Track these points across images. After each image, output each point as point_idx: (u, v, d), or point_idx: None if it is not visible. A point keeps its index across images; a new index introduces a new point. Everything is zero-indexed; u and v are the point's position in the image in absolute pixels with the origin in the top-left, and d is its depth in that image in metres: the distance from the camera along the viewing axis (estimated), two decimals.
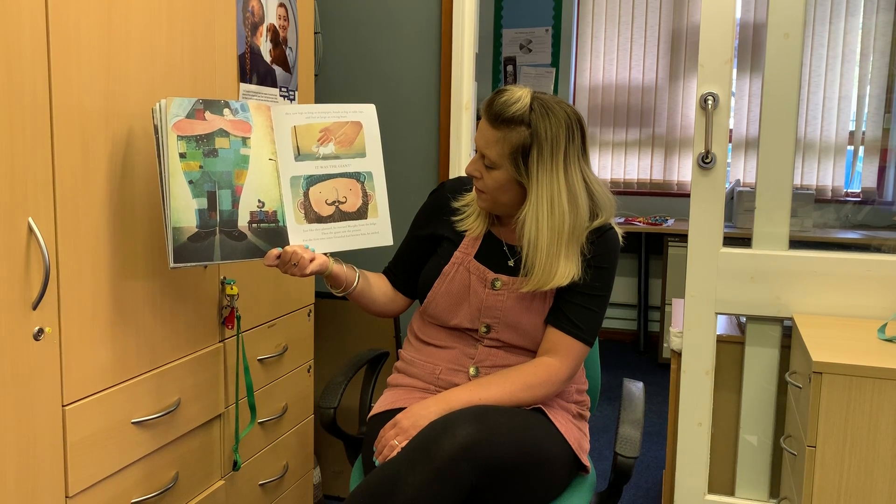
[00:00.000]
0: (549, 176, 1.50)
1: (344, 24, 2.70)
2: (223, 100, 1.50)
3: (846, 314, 2.08)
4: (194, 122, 1.45)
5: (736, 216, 3.84)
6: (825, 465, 1.70)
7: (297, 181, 1.56)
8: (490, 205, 1.59)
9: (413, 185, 2.64)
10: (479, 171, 1.55)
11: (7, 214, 1.22)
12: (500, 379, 1.52)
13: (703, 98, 2.13)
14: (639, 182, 4.84)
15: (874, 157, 4.29)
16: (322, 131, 1.59)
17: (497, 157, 1.51)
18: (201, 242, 1.44)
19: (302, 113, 1.58)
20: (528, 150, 1.49)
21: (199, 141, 1.45)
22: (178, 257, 1.42)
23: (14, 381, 1.26)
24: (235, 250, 1.48)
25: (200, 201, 1.44)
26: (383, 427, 1.48)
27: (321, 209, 1.57)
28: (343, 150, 1.60)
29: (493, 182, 1.53)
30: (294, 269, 1.51)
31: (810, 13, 4.24)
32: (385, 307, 1.73)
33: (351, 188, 1.60)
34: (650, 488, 2.81)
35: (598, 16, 4.79)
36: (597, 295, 1.58)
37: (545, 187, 1.50)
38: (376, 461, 1.44)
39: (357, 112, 1.63)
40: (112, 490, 1.50)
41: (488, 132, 1.52)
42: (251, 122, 1.52)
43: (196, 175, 1.44)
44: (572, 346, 1.55)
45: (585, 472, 1.62)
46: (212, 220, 1.46)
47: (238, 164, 1.49)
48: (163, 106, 1.42)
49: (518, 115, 1.48)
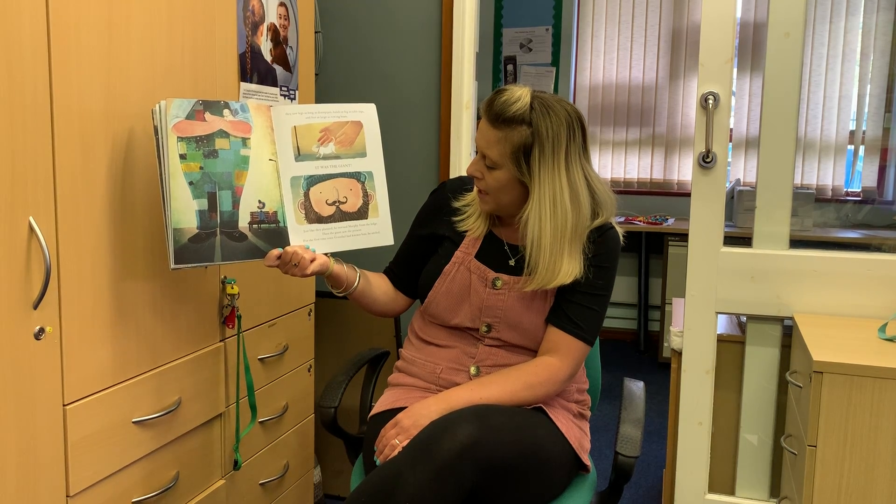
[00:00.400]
0: (552, 174, 1.50)
1: (344, 23, 2.70)
2: (223, 100, 1.50)
3: (847, 313, 2.08)
4: (194, 123, 1.45)
5: (736, 215, 3.84)
6: (826, 465, 1.70)
7: (298, 181, 1.55)
8: (492, 206, 1.58)
9: (413, 185, 2.64)
10: (480, 171, 1.55)
11: (8, 214, 1.22)
12: (501, 378, 1.52)
13: (704, 97, 2.13)
14: (639, 181, 4.84)
15: (874, 157, 4.29)
16: (322, 131, 1.58)
17: (498, 157, 1.51)
18: (202, 243, 1.44)
19: (302, 113, 1.58)
20: (529, 150, 1.49)
21: (199, 142, 1.45)
22: (178, 258, 1.42)
23: (15, 380, 1.26)
24: (236, 251, 1.48)
25: (201, 202, 1.44)
26: (384, 427, 1.48)
27: (322, 209, 1.57)
28: (343, 149, 1.60)
29: (495, 182, 1.53)
30: (295, 270, 1.51)
31: (811, 12, 4.24)
32: (386, 307, 1.73)
33: (351, 188, 1.60)
34: (650, 487, 2.81)
35: (599, 15, 4.79)
36: (598, 294, 1.58)
37: (547, 186, 1.50)
38: (377, 460, 1.44)
39: (357, 112, 1.62)
40: (113, 489, 1.50)
41: (489, 132, 1.51)
42: (251, 122, 1.52)
43: (196, 176, 1.44)
44: (573, 345, 1.55)
45: (586, 472, 1.62)
46: (212, 221, 1.46)
47: (238, 164, 1.49)
48: (162, 107, 1.42)
49: (519, 114, 1.48)
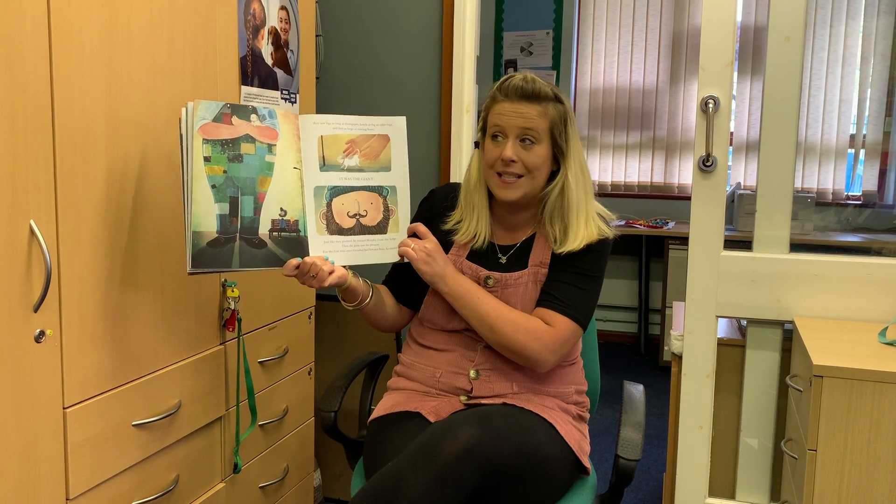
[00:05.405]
0: (576, 146, 1.59)
1: (345, 26, 2.70)
2: (251, 105, 1.48)
3: (847, 317, 2.07)
4: (220, 126, 1.43)
5: (737, 219, 3.84)
6: (826, 469, 1.69)
7: (321, 191, 1.54)
8: (525, 190, 1.57)
9: (413, 188, 2.63)
10: (517, 154, 1.55)
11: (9, 216, 1.22)
12: (501, 303, 1.56)
13: (704, 101, 2.13)
14: (639, 185, 4.84)
15: (875, 161, 4.29)
16: (348, 143, 1.56)
17: (543, 129, 1.54)
18: (220, 248, 1.42)
19: (329, 123, 1.56)
20: (566, 120, 1.57)
21: (225, 145, 1.43)
22: (196, 262, 1.40)
23: (15, 383, 1.26)
24: (255, 258, 1.45)
25: (222, 206, 1.42)
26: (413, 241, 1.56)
27: (343, 221, 1.55)
28: (367, 163, 1.57)
29: (536, 159, 1.55)
30: (312, 281, 1.49)
31: (811, 16, 4.24)
32: (393, 321, 1.71)
33: (372, 202, 1.58)
34: (650, 491, 2.81)
35: (599, 19, 4.80)
36: (587, 275, 1.57)
37: (577, 154, 1.59)
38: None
39: (386, 125, 1.59)
40: (112, 492, 1.49)
41: (527, 108, 1.54)
42: (278, 129, 1.50)
43: (219, 180, 1.42)
44: (563, 322, 1.54)
45: (586, 475, 1.62)
46: (232, 226, 1.43)
47: (262, 170, 1.47)
48: (190, 109, 1.41)
49: (549, 91, 1.56)
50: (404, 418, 1.56)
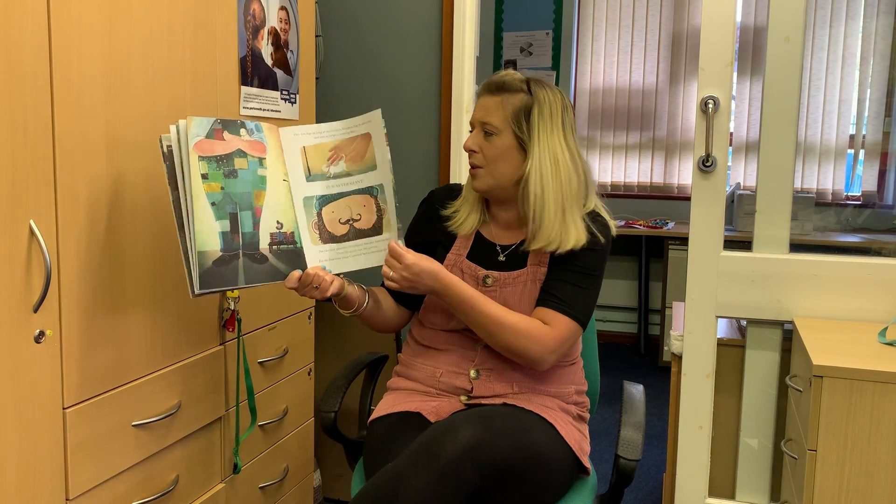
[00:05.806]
0: (550, 137, 1.54)
1: (345, 26, 2.70)
2: (239, 119, 1.48)
3: (847, 317, 2.08)
4: (214, 142, 1.42)
5: (736, 219, 3.84)
6: (826, 469, 1.69)
7: (310, 202, 1.53)
8: (487, 182, 1.57)
9: (413, 187, 2.64)
10: (477, 144, 1.56)
11: (8, 217, 1.22)
12: (501, 308, 1.53)
13: (704, 101, 2.13)
14: (639, 185, 4.84)
15: (874, 161, 4.29)
16: (332, 150, 1.56)
17: (499, 121, 1.54)
18: (225, 266, 1.41)
19: (310, 133, 1.55)
20: (529, 111, 1.54)
21: (220, 161, 1.42)
22: (204, 283, 1.38)
23: (15, 383, 1.26)
24: (259, 274, 1.44)
25: (223, 223, 1.41)
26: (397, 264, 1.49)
27: (335, 229, 1.55)
28: (354, 166, 1.56)
29: (494, 150, 1.54)
30: (315, 293, 1.48)
31: (811, 17, 4.24)
32: (392, 322, 1.70)
33: (365, 204, 1.57)
34: (650, 491, 2.81)
35: (599, 19, 4.80)
36: (587, 273, 1.57)
37: (546, 145, 1.53)
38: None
39: (366, 123, 1.56)
40: (112, 493, 1.49)
41: (488, 101, 1.56)
42: (265, 142, 1.49)
43: (218, 196, 1.41)
44: (563, 321, 1.54)
45: (586, 475, 1.62)
46: (235, 243, 1.42)
47: (256, 184, 1.46)
48: (182, 127, 1.39)
49: (517, 83, 1.54)
50: (404, 418, 1.56)
